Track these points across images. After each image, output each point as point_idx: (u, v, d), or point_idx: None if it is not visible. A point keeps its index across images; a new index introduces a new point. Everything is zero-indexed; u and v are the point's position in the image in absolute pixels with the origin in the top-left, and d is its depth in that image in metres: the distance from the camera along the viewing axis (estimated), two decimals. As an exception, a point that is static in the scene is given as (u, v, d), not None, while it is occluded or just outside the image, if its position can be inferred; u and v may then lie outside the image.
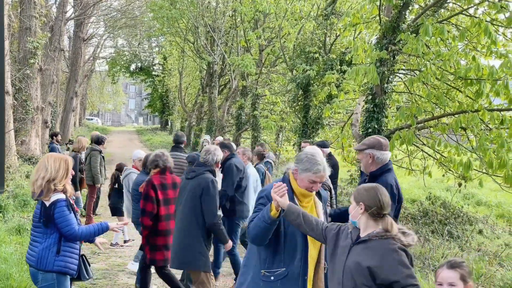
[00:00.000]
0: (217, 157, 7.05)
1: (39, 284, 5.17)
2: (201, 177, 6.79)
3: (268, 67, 25.88)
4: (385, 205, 3.91)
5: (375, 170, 5.77)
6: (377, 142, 5.81)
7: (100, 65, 63.64)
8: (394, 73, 13.28)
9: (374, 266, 3.75)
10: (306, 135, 17.51)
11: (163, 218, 7.26)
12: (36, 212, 5.28)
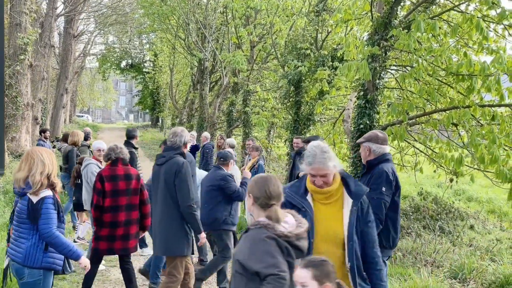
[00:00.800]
0: (184, 138, 6.94)
1: (25, 279, 5.12)
2: (172, 161, 6.71)
3: (259, 63, 25.86)
4: (273, 195, 3.86)
5: (372, 159, 5.96)
6: (374, 136, 6.03)
7: (90, 62, 63.40)
8: (385, 69, 13.29)
9: (242, 259, 3.71)
10: (298, 132, 17.50)
11: (108, 210, 7.13)
12: (22, 208, 5.19)
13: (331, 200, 4.38)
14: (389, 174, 5.80)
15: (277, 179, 4.00)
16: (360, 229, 4.29)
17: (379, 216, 5.68)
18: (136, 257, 9.80)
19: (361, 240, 4.28)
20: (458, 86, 11.93)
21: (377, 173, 5.83)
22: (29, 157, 5.25)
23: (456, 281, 8.68)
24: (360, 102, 12.93)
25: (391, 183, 5.80)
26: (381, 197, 5.74)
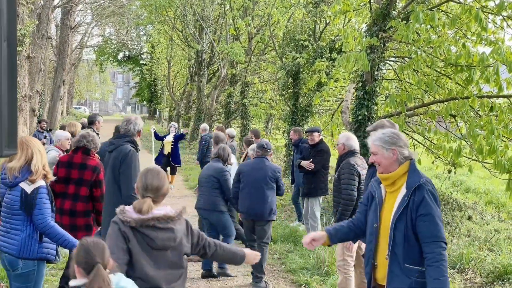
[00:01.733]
0: (138, 126, 6.76)
1: (19, 271, 5.06)
2: (120, 149, 6.53)
3: (257, 55, 25.85)
4: (148, 187, 3.93)
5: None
6: (382, 125, 5.89)
7: (87, 53, 63.31)
8: (384, 60, 13.32)
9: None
10: (296, 123, 17.53)
11: (57, 196, 6.74)
12: (13, 200, 5.10)
13: (394, 189, 4.42)
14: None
15: (162, 174, 4.04)
16: (412, 221, 4.30)
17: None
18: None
19: (415, 234, 4.30)
20: (457, 77, 11.96)
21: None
22: (24, 145, 5.16)
23: (454, 271, 8.72)
24: (358, 93, 12.95)
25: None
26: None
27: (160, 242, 3.86)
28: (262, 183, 8.16)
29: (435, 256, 4.14)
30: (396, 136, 4.49)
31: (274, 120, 27.39)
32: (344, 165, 7.05)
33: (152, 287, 3.86)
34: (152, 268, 3.88)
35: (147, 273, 3.85)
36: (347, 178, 6.92)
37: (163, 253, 3.89)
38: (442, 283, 4.11)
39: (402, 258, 4.31)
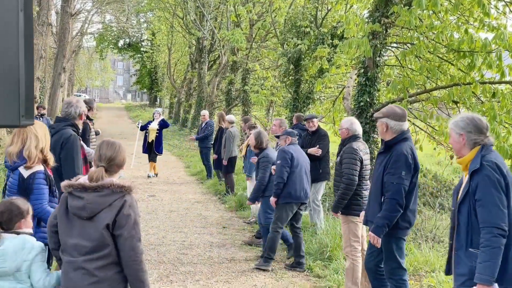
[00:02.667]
0: (79, 110, 6.56)
1: None
2: (61, 133, 6.29)
3: (258, 42, 25.78)
4: (102, 157, 4.01)
5: (390, 139, 5.84)
6: (392, 111, 5.87)
7: (88, 41, 63.16)
8: (386, 47, 13.28)
9: None
10: (297, 110, 17.49)
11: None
12: (13, 183, 5.08)
13: (466, 173, 4.59)
14: (408, 157, 5.66)
15: (117, 146, 4.09)
16: (473, 206, 4.40)
17: (398, 202, 5.60)
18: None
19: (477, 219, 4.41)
20: (459, 63, 11.93)
21: (396, 156, 5.68)
22: (22, 130, 5.11)
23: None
24: (360, 80, 12.93)
25: (410, 166, 5.67)
26: (401, 182, 5.61)
27: (72, 209, 3.92)
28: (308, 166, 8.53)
29: (484, 241, 4.26)
30: (468, 121, 4.58)
31: (275, 107, 27.34)
32: (347, 150, 7.03)
33: (67, 253, 3.96)
34: (65, 235, 3.98)
35: (61, 238, 4.01)
36: (349, 162, 6.91)
37: (79, 222, 3.92)
38: (485, 268, 4.21)
39: (465, 242, 4.46)
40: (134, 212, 3.93)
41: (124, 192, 3.93)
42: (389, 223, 5.67)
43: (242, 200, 12.79)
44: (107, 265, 3.89)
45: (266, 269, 8.17)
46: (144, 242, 9.60)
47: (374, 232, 5.72)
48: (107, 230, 3.86)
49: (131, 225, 3.88)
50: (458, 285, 4.65)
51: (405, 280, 5.88)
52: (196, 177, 17.99)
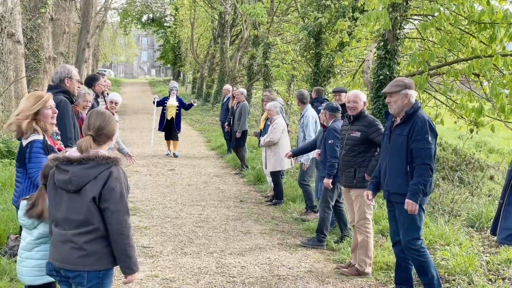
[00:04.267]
0: (60, 75, 6.54)
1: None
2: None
3: (280, 16, 25.58)
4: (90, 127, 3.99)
5: (409, 108, 5.83)
6: (409, 82, 5.89)
7: (112, 16, 63.19)
8: (407, 19, 13.07)
9: None
10: (318, 84, 17.38)
11: None
12: (18, 152, 5.12)
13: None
14: (431, 122, 5.72)
15: (107, 115, 4.06)
16: None
17: (431, 166, 5.62)
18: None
19: None
20: (480, 35, 11.72)
21: (420, 123, 5.68)
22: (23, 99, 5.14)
23: (473, 229, 8.67)
24: (380, 53, 12.78)
25: (434, 131, 5.72)
26: (429, 147, 5.63)
27: (59, 183, 3.92)
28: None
29: None
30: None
31: (297, 82, 27.18)
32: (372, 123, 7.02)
33: (58, 226, 3.98)
34: (54, 209, 3.99)
35: (50, 212, 4.04)
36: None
37: (66, 196, 3.91)
38: None
39: None
40: (120, 184, 3.89)
41: (110, 163, 3.90)
42: (424, 189, 5.69)
43: (260, 174, 12.80)
44: (95, 239, 3.90)
45: (321, 246, 8.10)
46: (161, 215, 9.69)
47: (412, 199, 5.69)
48: (93, 204, 3.85)
49: (117, 198, 3.85)
50: (501, 238, 4.79)
51: (424, 248, 5.92)
52: (216, 151, 18.03)
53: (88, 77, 11.35)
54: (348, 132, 7.07)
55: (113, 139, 4.14)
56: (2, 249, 6.84)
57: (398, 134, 5.88)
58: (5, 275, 6.00)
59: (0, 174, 10.43)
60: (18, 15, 17.30)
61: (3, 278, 5.92)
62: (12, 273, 6.10)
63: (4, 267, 6.18)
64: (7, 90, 15.75)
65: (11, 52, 16.41)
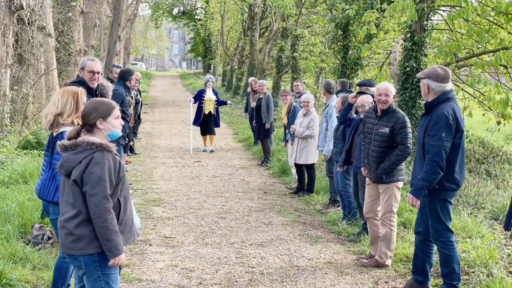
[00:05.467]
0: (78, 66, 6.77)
1: (51, 216, 5.20)
2: None
3: (308, 8, 25.49)
4: (81, 116, 4.18)
5: (431, 100, 5.77)
6: (434, 72, 5.76)
7: (143, 9, 63.65)
8: (434, 10, 12.94)
9: None
10: (345, 76, 17.31)
11: None
12: (47, 142, 5.24)
13: None
14: (448, 118, 5.55)
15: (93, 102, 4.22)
16: None
17: (439, 164, 5.54)
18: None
19: None
20: (509, 26, 11.55)
21: (436, 117, 5.59)
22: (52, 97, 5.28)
23: (497, 222, 8.57)
24: (406, 44, 12.69)
25: (451, 128, 5.56)
26: (441, 144, 5.54)
27: (58, 168, 4.13)
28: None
29: None
30: None
31: (325, 74, 27.08)
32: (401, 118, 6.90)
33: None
34: (61, 194, 4.19)
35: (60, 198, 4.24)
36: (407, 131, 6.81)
37: (66, 181, 4.09)
38: None
39: None
40: (101, 169, 3.96)
41: (95, 149, 4.00)
42: (428, 186, 5.62)
43: (285, 166, 12.82)
44: (82, 223, 4.00)
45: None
46: (184, 206, 9.78)
47: (414, 194, 5.70)
48: (76, 187, 3.98)
49: (95, 182, 3.93)
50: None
51: (452, 242, 5.85)
52: (243, 143, 18.08)
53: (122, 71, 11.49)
54: (376, 127, 6.89)
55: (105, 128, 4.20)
56: (26, 238, 7.00)
57: (421, 125, 5.86)
58: (28, 263, 6.12)
59: (28, 165, 10.62)
60: (49, 9, 17.55)
61: (26, 266, 6.04)
62: (35, 261, 6.25)
63: (28, 255, 6.31)
64: (38, 82, 16.00)
65: (42, 45, 16.66)
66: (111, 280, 4.13)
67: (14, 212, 7.46)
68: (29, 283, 5.78)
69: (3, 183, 9.45)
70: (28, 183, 9.48)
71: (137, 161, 14.01)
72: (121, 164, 4.11)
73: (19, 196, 8.20)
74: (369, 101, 7.87)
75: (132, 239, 4.27)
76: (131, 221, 4.25)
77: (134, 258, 6.98)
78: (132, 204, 4.36)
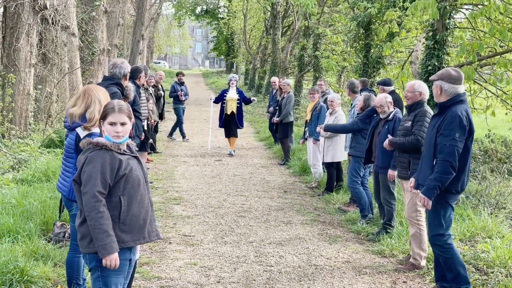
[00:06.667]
0: (124, 70, 6.87)
1: (73, 211, 5.27)
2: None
3: (330, 6, 25.43)
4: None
5: (444, 101, 5.75)
6: (447, 74, 5.77)
7: (166, 8, 63.94)
8: (456, 8, 12.85)
9: None
10: (367, 75, 17.25)
11: None
12: (70, 143, 5.27)
13: None
14: (462, 119, 5.56)
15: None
16: None
17: (452, 164, 5.53)
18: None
19: None
20: (532, 25, 11.42)
21: (450, 117, 5.59)
22: (87, 94, 5.23)
23: (516, 222, 8.51)
24: (428, 43, 12.61)
25: (464, 128, 5.57)
26: (454, 144, 5.53)
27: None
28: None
29: None
30: None
31: (348, 73, 27.01)
32: (420, 113, 6.84)
33: None
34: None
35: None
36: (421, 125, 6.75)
37: None
38: None
39: None
40: (92, 167, 4.03)
41: (92, 149, 4.10)
42: (440, 186, 5.60)
43: (306, 165, 12.83)
44: (84, 222, 4.09)
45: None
46: (204, 204, 9.84)
47: (425, 194, 5.67)
48: (77, 186, 4.10)
49: (86, 180, 4.03)
50: None
51: (451, 244, 5.81)
52: (264, 142, 18.10)
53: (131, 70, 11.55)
54: (403, 122, 7.06)
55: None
56: (48, 236, 7.11)
57: (432, 125, 5.86)
58: (49, 260, 6.21)
59: (51, 163, 10.75)
60: (73, 8, 17.73)
61: (48, 263, 6.13)
62: (56, 258, 6.34)
63: (49, 252, 6.41)
64: (62, 81, 16.18)
65: (65, 44, 16.86)
66: (109, 282, 4.16)
67: (36, 210, 7.56)
68: (50, 280, 5.88)
69: (26, 181, 9.59)
70: (51, 181, 9.60)
71: (158, 160, 14.11)
72: (122, 162, 4.12)
73: (41, 194, 8.29)
74: (387, 100, 7.89)
75: (145, 240, 4.26)
76: (143, 221, 4.24)
77: (153, 256, 7.05)
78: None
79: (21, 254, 6.07)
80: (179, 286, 6.12)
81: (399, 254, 7.32)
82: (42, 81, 15.43)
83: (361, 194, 8.92)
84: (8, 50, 13.39)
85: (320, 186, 11.48)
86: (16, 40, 13.18)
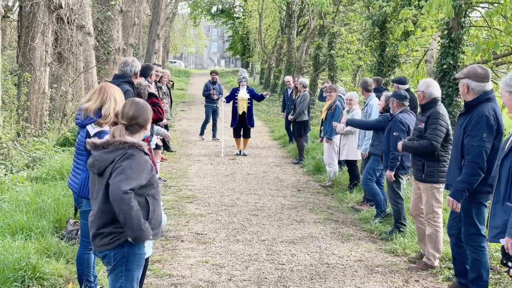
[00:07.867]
0: (135, 68, 6.87)
1: (83, 208, 5.32)
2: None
3: (345, 5, 25.36)
4: (121, 115, 4.19)
5: (471, 100, 5.67)
6: (473, 71, 5.66)
7: (182, 7, 64.05)
8: (472, 6, 12.76)
9: None
10: (382, 74, 17.17)
11: None
12: (80, 140, 5.29)
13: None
14: (490, 118, 5.46)
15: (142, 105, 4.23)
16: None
17: (480, 165, 5.46)
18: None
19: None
20: (549, 23, 11.31)
21: (477, 117, 5.50)
22: (103, 90, 5.24)
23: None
24: (443, 42, 12.56)
25: (492, 128, 5.48)
26: (482, 145, 5.46)
27: (88, 166, 4.22)
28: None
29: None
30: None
31: (363, 72, 26.91)
32: (433, 115, 6.66)
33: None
34: (91, 193, 4.29)
35: (90, 192, 4.33)
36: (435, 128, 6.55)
37: (97, 179, 4.15)
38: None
39: (503, 196, 4.54)
40: (129, 163, 3.97)
41: (127, 148, 4.03)
42: (469, 187, 5.53)
43: (319, 164, 12.80)
44: (108, 222, 4.08)
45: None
46: (217, 203, 9.86)
47: (454, 196, 5.62)
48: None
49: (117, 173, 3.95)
50: (490, 237, 4.71)
51: (483, 247, 5.73)
52: (279, 141, 18.09)
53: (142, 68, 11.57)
54: (417, 122, 6.91)
55: (147, 128, 4.26)
56: (60, 233, 7.15)
57: (459, 125, 5.76)
58: (62, 258, 6.25)
59: (66, 161, 10.81)
60: (88, 8, 17.82)
61: (60, 260, 6.17)
62: (68, 255, 6.38)
63: (62, 249, 6.45)
64: (77, 80, 16.28)
65: (81, 43, 16.95)
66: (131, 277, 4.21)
67: (49, 208, 7.61)
68: (62, 277, 5.93)
69: (40, 179, 9.67)
70: (65, 179, 9.64)
71: (172, 158, 14.16)
72: (151, 165, 4.15)
73: (55, 192, 8.35)
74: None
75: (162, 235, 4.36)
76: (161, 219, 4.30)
77: (165, 254, 7.07)
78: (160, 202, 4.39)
79: (34, 251, 6.11)
80: (190, 283, 6.13)
81: (412, 253, 7.29)
82: (57, 80, 15.53)
83: (375, 191, 8.89)
84: (23, 49, 13.50)
85: (334, 185, 11.45)
86: (31, 39, 13.28)
